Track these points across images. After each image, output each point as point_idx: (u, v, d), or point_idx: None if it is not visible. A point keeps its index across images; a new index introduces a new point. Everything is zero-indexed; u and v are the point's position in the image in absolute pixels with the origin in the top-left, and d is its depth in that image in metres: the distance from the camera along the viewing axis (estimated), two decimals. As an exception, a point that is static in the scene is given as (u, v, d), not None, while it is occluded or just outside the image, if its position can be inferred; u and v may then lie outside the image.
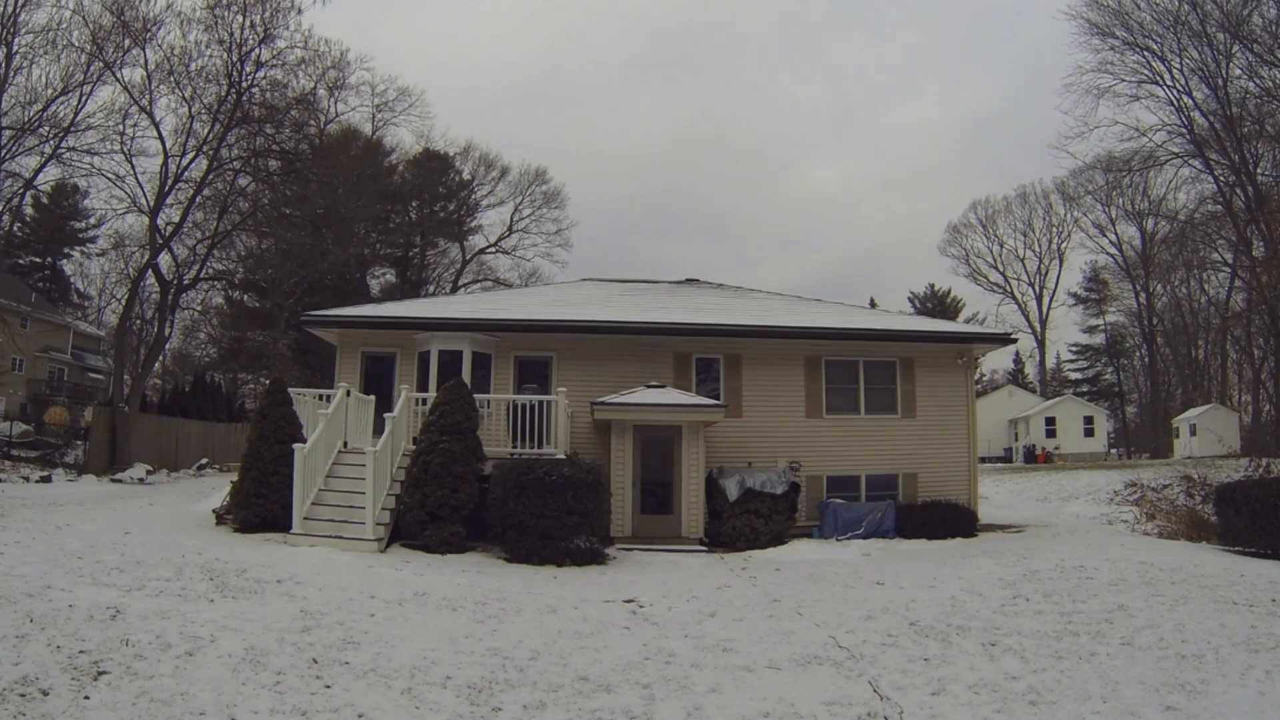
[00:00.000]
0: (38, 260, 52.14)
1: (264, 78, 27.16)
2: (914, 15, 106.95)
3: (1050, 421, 46.36)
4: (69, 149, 26.72)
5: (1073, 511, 20.50)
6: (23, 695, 4.53)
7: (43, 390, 41.05)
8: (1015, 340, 21.77)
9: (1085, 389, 60.91)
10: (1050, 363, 65.44)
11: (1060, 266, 61.98)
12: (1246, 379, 42.08)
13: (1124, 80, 36.78)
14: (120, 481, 21.47)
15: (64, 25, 25.95)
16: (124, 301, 32.25)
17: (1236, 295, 41.23)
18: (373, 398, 14.49)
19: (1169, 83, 35.91)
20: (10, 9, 25.78)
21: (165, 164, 26.93)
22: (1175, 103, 36.16)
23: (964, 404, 16.80)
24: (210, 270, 32.93)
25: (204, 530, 11.49)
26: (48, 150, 26.71)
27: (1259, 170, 34.47)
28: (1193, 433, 35.90)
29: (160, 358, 37.87)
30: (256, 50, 26.37)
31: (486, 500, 11.58)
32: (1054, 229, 61.18)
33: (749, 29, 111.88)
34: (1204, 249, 41.33)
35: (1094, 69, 37.42)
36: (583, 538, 11.30)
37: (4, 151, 25.77)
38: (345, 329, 15.86)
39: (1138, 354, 59.43)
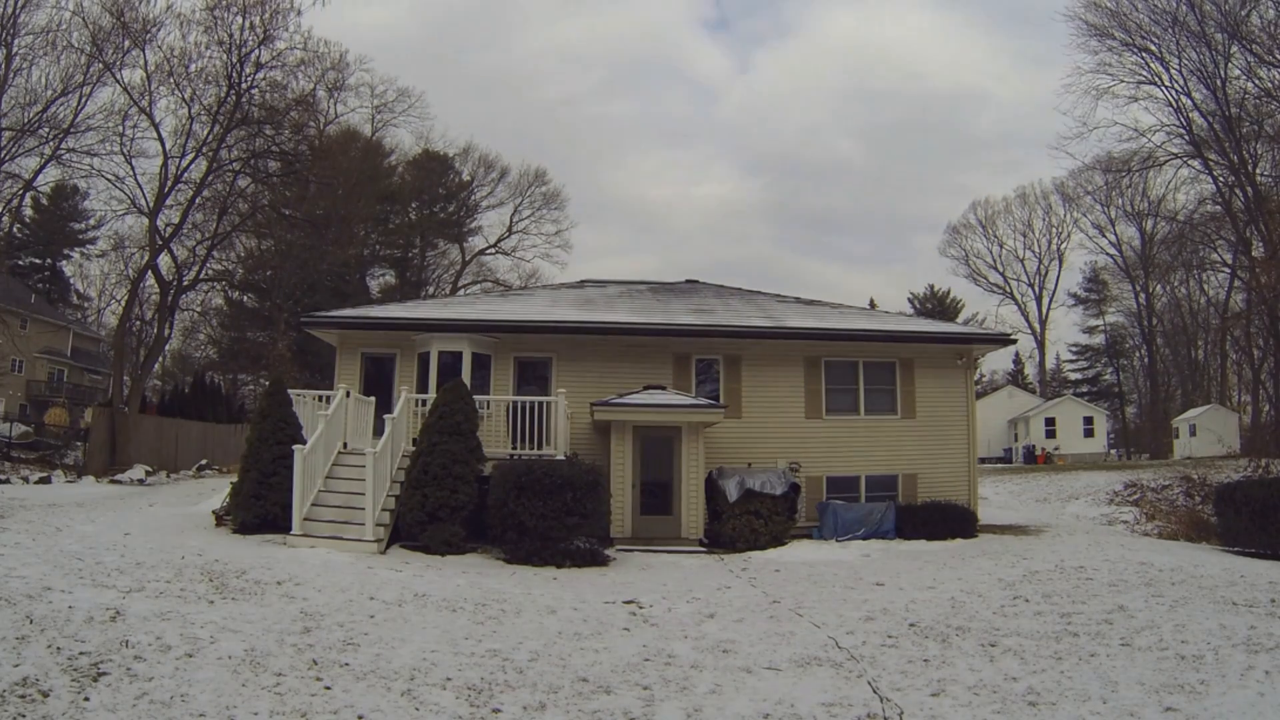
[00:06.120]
0: (37, 261, 52.16)
1: (263, 79, 27.28)
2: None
3: (1050, 422, 46.35)
4: (69, 150, 26.83)
5: (1072, 512, 20.51)
6: (23, 697, 4.53)
7: (42, 391, 41.11)
8: (1015, 341, 21.81)
9: (1085, 389, 60.94)
10: (1050, 363, 65.56)
11: (1060, 267, 62.11)
12: (1246, 379, 42.06)
13: (1122, 81, 36.73)
14: (119, 483, 21.47)
15: (64, 26, 26.06)
16: (124, 303, 32.34)
17: (1236, 295, 41.21)
18: (372, 399, 14.49)
19: (1167, 83, 35.88)
20: (10, 10, 25.87)
21: (165, 165, 27.04)
22: (1174, 103, 36.13)
23: (963, 405, 16.80)
24: (210, 271, 33.05)
25: (203, 531, 11.49)
26: (47, 151, 26.82)
27: (1258, 171, 34.41)
28: (1192, 433, 35.94)
29: (160, 359, 37.94)
30: (256, 51, 26.49)
31: (486, 501, 11.58)
32: (1053, 229, 61.33)
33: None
34: (1203, 249, 41.26)
35: (1092, 70, 37.42)
36: (582, 539, 11.30)
37: (4, 153, 25.80)
38: (345, 330, 15.85)
39: (1137, 354, 59.49)
